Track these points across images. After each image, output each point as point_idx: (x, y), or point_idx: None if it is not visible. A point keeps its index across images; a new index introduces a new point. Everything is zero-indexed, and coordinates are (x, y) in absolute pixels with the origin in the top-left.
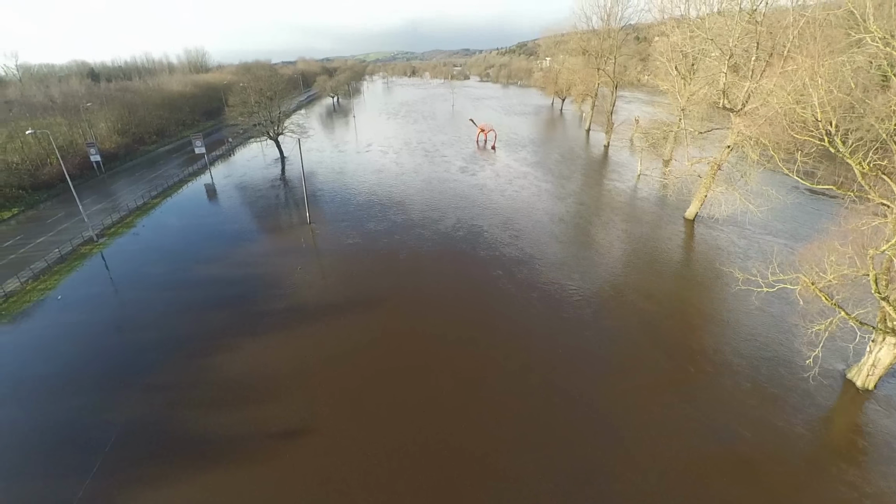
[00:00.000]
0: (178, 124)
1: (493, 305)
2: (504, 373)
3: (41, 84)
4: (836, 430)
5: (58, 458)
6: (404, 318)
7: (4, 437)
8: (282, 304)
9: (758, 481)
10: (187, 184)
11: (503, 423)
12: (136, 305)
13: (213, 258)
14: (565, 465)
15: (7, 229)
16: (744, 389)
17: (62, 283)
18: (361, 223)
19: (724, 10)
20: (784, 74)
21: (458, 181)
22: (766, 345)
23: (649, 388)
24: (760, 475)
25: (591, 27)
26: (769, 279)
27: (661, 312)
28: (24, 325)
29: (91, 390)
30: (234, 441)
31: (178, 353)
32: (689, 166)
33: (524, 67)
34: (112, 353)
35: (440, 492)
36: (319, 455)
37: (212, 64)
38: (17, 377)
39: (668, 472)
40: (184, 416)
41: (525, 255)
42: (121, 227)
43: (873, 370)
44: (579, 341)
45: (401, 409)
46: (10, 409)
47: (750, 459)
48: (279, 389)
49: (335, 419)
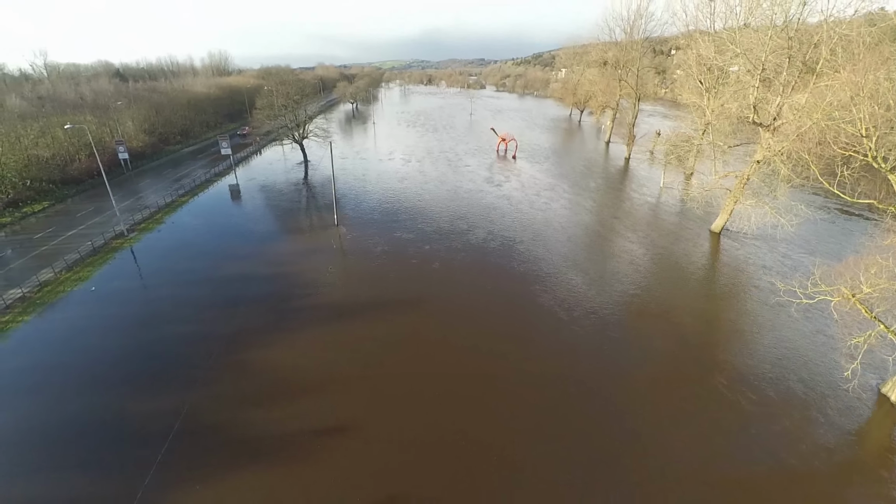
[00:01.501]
0: (202, 126)
1: (529, 319)
2: (535, 386)
3: (71, 81)
4: (871, 445)
5: (116, 449)
6: (436, 326)
7: (53, 428)
8: (313, 302)
9: (789, 495)
10: (213, 184)
11: (540, 440)
12: (169, 300)
13: (243, 256)
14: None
15: (38, 222)
16: (776, 402)
17: (95, 275)
18: (390, 231)
19: (754, 23)
20: (816, 90)
21: (484, 192)
22: (798, 357)
23: (688, 405)
24: (791, 487)
25: (614, 39)
26: (809, 291)
27: (695, 326)
28: (58, 315)
29: (132, 383)
30: (276, 436)
31: (215, 347)
32: (717, 180)
33: (540, 78)
34: (150, 346)
35: (467, 482)
36: (355, 449)
37: (232, 67)
38: (54, 366)
39: (696, 484)
40: (226, 411)
41: (559, 269)
42: (150, 224)
43: None
44: (618, 358)
45: (430, 409)
46: (46, 397)
47: (780, 472)
48: (315, 386)
49: (369, 416)
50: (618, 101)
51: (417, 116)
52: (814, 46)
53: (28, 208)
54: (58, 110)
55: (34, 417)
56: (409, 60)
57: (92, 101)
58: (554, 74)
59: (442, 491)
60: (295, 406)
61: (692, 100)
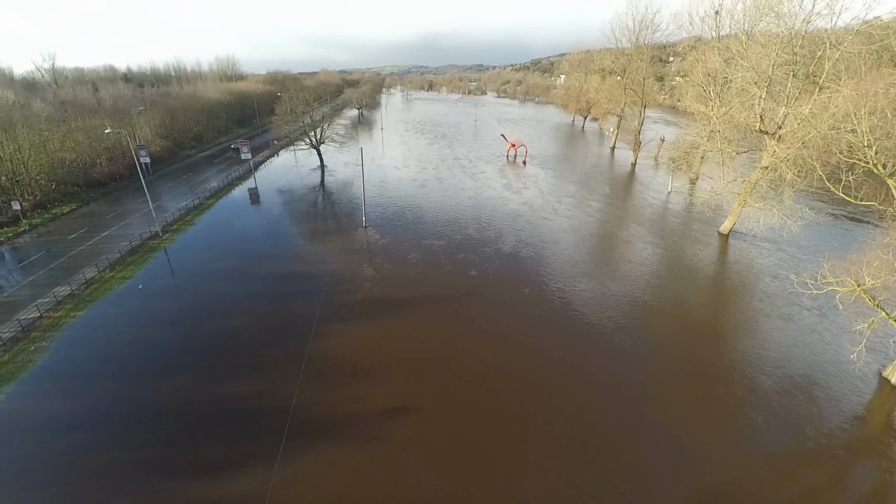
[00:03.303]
0: (215, 131)
1: (565, 318)
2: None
3: (90, 86)
4: (875, 425)
5: (191, 429)
6: (481, 322)
7: (130, 411)
8: (356, 298)
9: (795, 473)
10: (235, 188)
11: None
12: (213, 296)
13: (277, 255)
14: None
15: (68, 223)
16: (785, 387)
17: (137, 273)
18: (419, 237)
19: (759, 36)
20: (819, 102)
21: (505, 198)
22: (806, 346)
23: (702, 392)
24: (804, 464)
25: (620, 48)
26: (819, 282)
27: (708, 318)
28: (108, 311)
29: (194, 372)
30: (345, 416)
31: (268, 339)
32: (726, 184)
33: (541, 84)
34: (205, 339)
35: (518, 450)
36: (419, 426)
37: (240, 72)
38: (111, 356)
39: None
40: (288, 395)
41: (589, 272)
42: (182, 225)
43: None
44: (638, 350)
45: (482, 392)
46: (114, 384)
47: (794, 450)
48: (369, 372)
49: (424, 400)
50: (622, 108)
51: (424, 123)
52: (817, 60)
53: (57, 209)
54: (79, 115)
55: (105, 400)
56: (407, 65)
57: (111, 106)
58: (553, 80)
59: (499, 463)
60: (353, 390)
61: (698, 108)
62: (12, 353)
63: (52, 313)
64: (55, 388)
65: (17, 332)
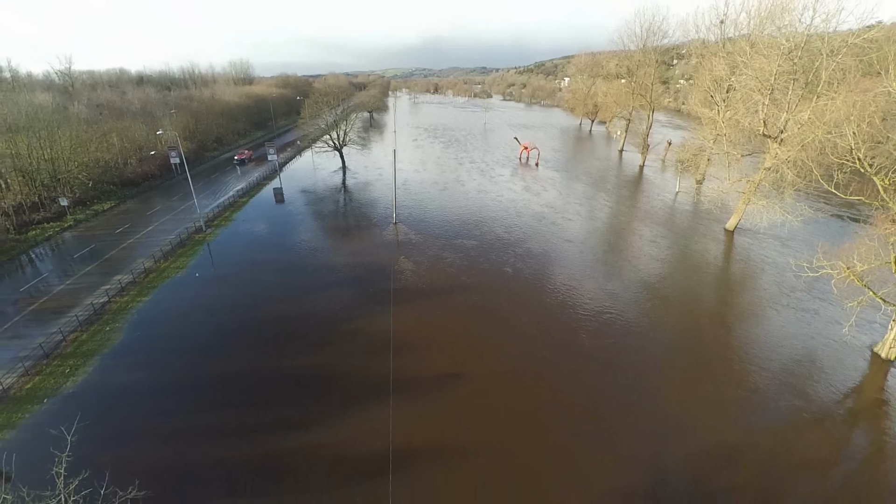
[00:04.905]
0: (235, 133)
1: (595, 306)
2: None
3: (118, 90)
4: (867, 394)
5: (270, 389)
6: (515, 307)
7: (213, 380)
8: (399, 286)
9: (806, 440)
10: (263, 187)
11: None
12: (266, 284)
13: (317, 248)
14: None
15: (111, 219)
16: (787, 365)
17: (190, 263)
18: (449, 238)
19: (761, 46)
20: (817, 109)
21: (527, 200)
22: (805, 327)
23: (709, 370)
24: (806, 432)
25: (627, 53)
26: (814, 265)
27: (716, 307)
28: (172, 295)
29: (264, 347)
30: (401, 380)
31: (326, 319)
32: (731, 184)
33: (546, 87)
34: (268, 320)
35: (551, 413)
36: (466, 390)
37: (253, 76)
38: (183, 335)
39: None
40: (357, 362)
41: (614, 266)
42: (221, 221)
43: (895, 343)
44: (655, 334)
45: (519, 363)
46: (194, 358)
47: (796, 420)
48: (420, 345)
49: (470, 368)
50: (631, 112)
51: (435, 128)
52: (815, 70)
53: (97, 206)
54: (113, 117)
55: (185, 371)
56: (410, 68)
57: (140, 109)
58: (557, 83)
59: (523, 418)
60: (407, 359)
61: (704, 112)
62: (90, 332)
63: (118, 298)
64: (137, 362)
65: (91, 314)
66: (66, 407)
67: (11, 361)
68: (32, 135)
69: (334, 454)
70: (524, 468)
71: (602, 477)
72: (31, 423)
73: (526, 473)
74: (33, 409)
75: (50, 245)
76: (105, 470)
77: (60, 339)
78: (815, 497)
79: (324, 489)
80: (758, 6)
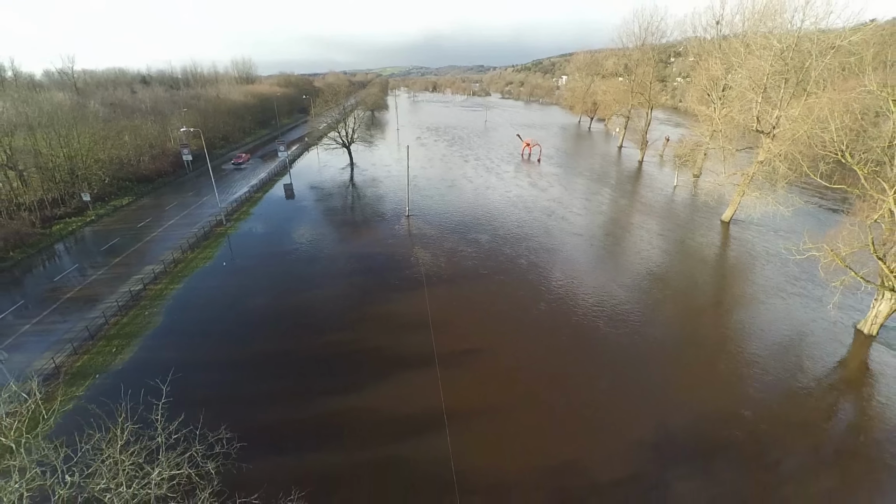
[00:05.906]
0: (240, 132)
1: (607, 289)
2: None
3: (128, 88)
4: (852, 367)
5: (305, 365)
6: (534, 293)
7: (254, 357)
8: (412, 273)
9: (798, 405)
10: (275, 183)
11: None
12: (288, 274)
13: (335, 240)
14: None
15: (131, 213)
16: (776, 344)
17: (216, 254)
18: (462, 233)
19: (755, 43)
20: (807, 106)
21: (534, 196)
22: (793, 309)
23: (705, 347)
24: (797, 402)
25: (626, 51)
26: (801, 248)
27: (712, 292)
28: (203, 283)
29: (292, 329)
30: (427, 354)
31: (351, 303)
32: (727, 178)
33: (544, 85)
34: (295, 305)
35: (565, 383)
36: (490, 361)
37: (255, 75)
38: (218, 319)
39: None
40: (389, 340)
41: (627, 256)
42: (240, 214)
43: (875, 320)
44: (653, 317)
45: (540, 340)
46: (233, 339)
47: (788, 392)
48: (442, 325)
49: (492, 343)
50: (629, 109)
51: (437, 126)
52: (805, 70)
53: (116, 202)
54: (125, 115)
55: (223, 349)
56: (408, 66)
57: (151, 108)
58: (555, 81)
59: (534, 387)
60: (439, 336)
61: (701, 110)
62: (129, 316)
63: (152, 286)
64: (179, 342)
65: (128, 300)
66: (116, 381)
67: (58, 343)
68: (52, 132)
69: (387, 414)
70: (559, 421)
71: (618, 429)
72: (86, 396)
73: (562, 425)
74: (85, 384)
75: (75, 238)
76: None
77: (103, 322)
78: (807, 448)
79: (384, 442)
80: (751, 8)
